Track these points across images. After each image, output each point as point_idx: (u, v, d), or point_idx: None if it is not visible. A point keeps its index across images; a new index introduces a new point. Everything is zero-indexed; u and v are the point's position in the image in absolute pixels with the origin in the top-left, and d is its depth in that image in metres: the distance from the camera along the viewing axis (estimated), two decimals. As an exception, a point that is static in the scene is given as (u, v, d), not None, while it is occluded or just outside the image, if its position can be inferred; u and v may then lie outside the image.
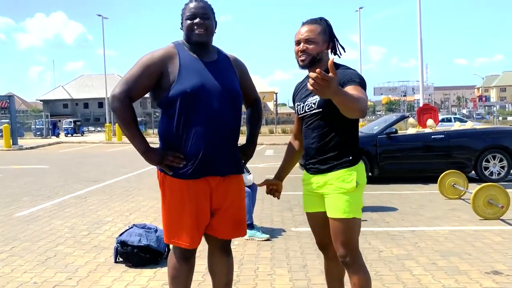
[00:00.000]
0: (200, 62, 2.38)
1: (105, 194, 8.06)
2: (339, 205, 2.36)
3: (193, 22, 2.35)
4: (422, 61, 21.93)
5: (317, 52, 2.40)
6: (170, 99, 2.31)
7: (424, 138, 9.01)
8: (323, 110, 2.38)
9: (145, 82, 2.35)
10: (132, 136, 2.38)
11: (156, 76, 2.34)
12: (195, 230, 2.40)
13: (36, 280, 3.74)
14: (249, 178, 5.25)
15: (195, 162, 2.33)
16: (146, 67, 2.34)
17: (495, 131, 9.35)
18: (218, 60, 2.45)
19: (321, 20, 2.46)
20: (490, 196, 5.62)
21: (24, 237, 5.13)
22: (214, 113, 2.33)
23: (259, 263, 4.11)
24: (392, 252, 4.37)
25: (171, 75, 2.32)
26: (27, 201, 7.43)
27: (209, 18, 2.38)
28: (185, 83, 2.30)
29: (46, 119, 35.41)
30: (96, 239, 5.01)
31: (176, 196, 2.39)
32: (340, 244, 2.38)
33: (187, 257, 2.46)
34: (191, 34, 2.37)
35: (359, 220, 2.43)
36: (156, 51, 2.39)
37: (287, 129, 35.31)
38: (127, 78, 2.36)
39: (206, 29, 2.35)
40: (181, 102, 2.29)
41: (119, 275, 3.83)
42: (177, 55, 2.36)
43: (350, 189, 2.36)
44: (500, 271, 3.77)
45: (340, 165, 2.39)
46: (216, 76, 2.37)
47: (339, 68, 2.41)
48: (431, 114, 11.39)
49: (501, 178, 8.60)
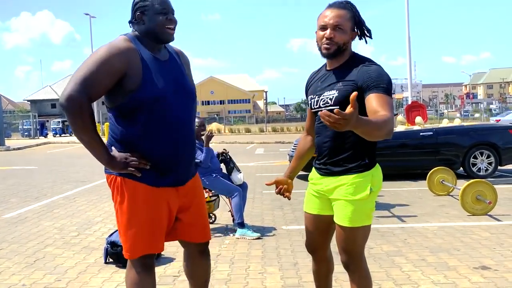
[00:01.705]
0: (157, 61, 2.17)
1: (94, 194, 8.00)
2: (347, 213, 2.20)
3: (167, 19, 2.14)
4: (411, 59, 22.14)
5: (344, 42, 2.18)
6: (133, 104, 2.08)
7: (413, 136, 9.08)
8: (341, 108, 2.10)
9: (106, 82, 2.04)
10: (92, 144, 2.05)
11: (118, 75, 2.05)
12: (163, 234, 2.24)
13: (24, 282, 3.70)
14: (240, 177, 5.26)
15: (163, 167, 2.17)
16: (108, 64, 2.02)
17: (483, 128, 9.46)
18: (171, 59, 2.26)
19: (348, 3, 2.22)
20: (478, 192, 5.68)
21: (12, 239, 5.07)
22: (178, 117, 2.17)
23: (250, 261, 4.11)
24: (382, 249, 4.40)
25: (134, 77, 2.06)
26: (14, 203, 7.34)
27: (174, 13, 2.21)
28: (151, 87, 2.08)
29: (34, 119, 35.03)
30: (85, 240, 4.97)
31: (141, 200, 2.16)
32: (343, 250, 2.28)
33: (150, 265, 2.23)
34: (162, 32, 2.14)
35: (368, 226, 2.27)
36: (114, 45, 2.08)
37: (278, 127, 35.32)
38: (84, 76, 1.99)
39: (174, 28, 2.19)
40: (146, 107, 2.08)
41: (109, 276, 3.81)
42: (138, 52, 2.11)
43: (363, 197, 2.18)
44: (488, 266, 3.82)
45: (354, 169, 2.21)
46: (175, 78, 2.21)
47: (361, 61, 2.20)
48: (419, 111, 11.47)
49: (489, 174, 8.71)
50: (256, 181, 8.86)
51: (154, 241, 2.21)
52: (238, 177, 5.24)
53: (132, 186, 2.16)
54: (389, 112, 1.99)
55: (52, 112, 68.79)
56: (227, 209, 5.74)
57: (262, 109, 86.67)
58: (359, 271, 2.29)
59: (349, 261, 2.28)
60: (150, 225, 2.18)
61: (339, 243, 2.29)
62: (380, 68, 2.16)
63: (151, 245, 2.21)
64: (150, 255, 2.24)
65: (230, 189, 5.06)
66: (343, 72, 2.21)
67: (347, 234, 2.23)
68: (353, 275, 2.30)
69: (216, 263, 4.06)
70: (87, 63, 2.04)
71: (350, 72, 2.18)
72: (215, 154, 5.22)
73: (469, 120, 38.18)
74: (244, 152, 17.09)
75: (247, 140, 24.78)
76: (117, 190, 2.20)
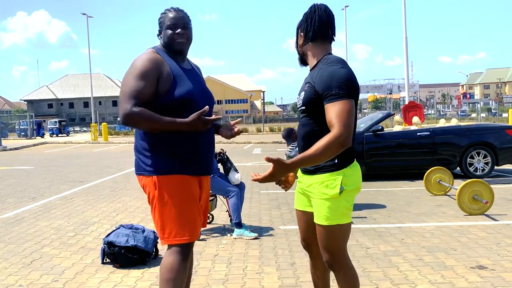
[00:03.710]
0: (183, 69, 2.46)
1: (91, 194, 7.98)
2: (321, 211, 2.26)
3: (175, 32, 2.43)
4: (408, 59, 22.16)
5: (296, 48, 2.38)
6: (168, 104, 2.34)
7: (410, 135, 9.10)
8: (307, 108, 2.27)
9: (149, 91, 2.33)
10: (166, 126, 2.31)
11: (155, 81, 2.34)
12: (200, 222, 2.48)
13: (21, 282, 3.69)
14: (237, 177, 5.26)
15: (194, 161, 2.42)
16: (146, 75, 2.32)
17: (479, 128, 9.48)
18: (193, 68, 2.58)
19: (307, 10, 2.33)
20: (475, 192, 5.70)
21: (9, 239, 5.06)
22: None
23: (248, 261, 4.11)
24: (379, 248, 4.41)
25: (166, 80, 2.35)
26: (11, 203, 7.32)
27: (189, 27, 2.48)
28: (182, 88, 2.37)
29: (31, 119, 34.92)
30: (82, 240, 4.96)
31: (179, 192, 2.39)
32: (324, 249, 2.32)
33: (188, 253, 2.43)
34: (173, 43, 2.43)
35: (346, 225, 2.29)
36: (145, 57, 2.38)
37: (275, 127, 35.32)
38: (131, 93, 2.30)
39: (187, 39, 2.46)
40: (179, 106, 2.34)
41: (106, 276, 3.80)
42: (164, 60, 2.40)
43: (333, 195, 2.23)
44: (485, 266, 3.83)
45: (323, 169, 2.25)
46: (200, 82, 2.51)
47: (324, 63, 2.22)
48: (416, 111, 11.50)
49: (485, 174, 8.73)
50: (254, 182, 8.84)
51: (197, 227, 2.44)
52: (236, 177, 5.24)
53: (167, 180, 2.38)
54: (341, 122, 2.05)
55: (49, 112, 68.66)
56: (224, 209, 5.75)
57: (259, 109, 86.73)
58: (343, 269, 2.32)
59: (332, 260, 2.31)
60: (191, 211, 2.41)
61: (319, 242, 2.34)
62: (335, 71, 2.14)
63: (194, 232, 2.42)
64: (191, 244, 2.44)
65: (227, 189, 5.06)
66: (311, 74, 2.31)
67: (325, 232, 2.28)
68: (338, 274, 2.33)
69: (214, 263, 4.06)
70: (128, 80, 2.34)
71: (314, 74, 2.26)
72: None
73: (466, 120, 38.28)
74: (241, 152, 17.09)
75: (245, 140, 24.77)
76: (152, 188, 2.40)
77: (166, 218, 2.40)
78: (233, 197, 5.00)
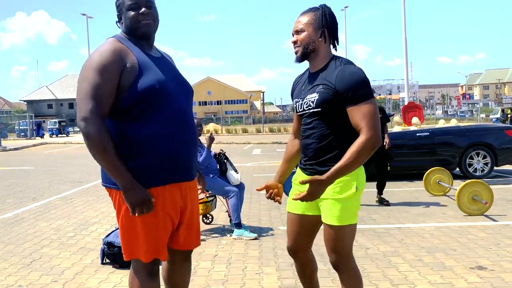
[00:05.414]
0: (151, 56, 2.13)
1: (91, 195, 7.98)
2: (334, 212, 2.23)
3: (139, 13, 2.07)
4: (407, 59, 22.19)
5: (308, 41, 2.24)
6: (136, 96, 2.00)
7: (410, 136, 9.11)
8: (322, 110, 2.22)
9: (110, 88, 1.98)
10: (113, 165, 1.97)
11: (118, 75, 1.99)
12: (165, 238, 2.17)
13: (21, 283, 3.69)
14: (237, 177, 5.26)
15: (171, 163, 2.09)
16: (105, 70, 1.97)
17: (479, 129, 9.49)
18: (164, 56, 2.25)
19: (318, 7, 2.28)
20: (474, 193, 5.70)
21: (9, 240, 5.06)
22: (181, 110, 2.12)
23: (247, 262, 4.11)
24: (379, 249, 4.41)
25: (130, 72, 2.01)
26: (11, 203, 7.32)
27: (153, 6, 2.14)
28: (150, 77, 2.03)
29: (30, 119, 34.91)
30: (82, 240, 4.96)
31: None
32: (332, 250, 2.29)
33: (156, 271, 2.18)
34: (137, 26, 2.08)
35: (354, 225, 2.30)
36: (105, 49, 2.03)
37: (275, 128, 35.34)
38: (89, 92, 1.96)
39: (154, 19, 2.12)
40: (149, 98, 2.01)
41: (106, 277, 3.80)
42: (128, 49, 2.06)
43: (349, 195, 2.22)
44: (484, 266, 3.83)
45: None
46: (171, 70, 2.19)
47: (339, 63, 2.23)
48: (416, 112, 11.53)
49: (485, 175, 8.73)
50: (253, 182, 8.86)
51: (163, 246, 2.16)
52: (235, 178, 5.24)
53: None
54: (369, 124, 2.10)
55: (48, 113, 68.62)
56: (224, 209, 5.75)
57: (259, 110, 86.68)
58: (348, 270, 2.31)
59: (338, 261, 2.30)
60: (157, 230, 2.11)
61: (327, 243, 2.30)
62: (355, 72, 2.17)
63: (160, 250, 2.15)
64: (157, 261, 2.18)
65: (227, 189, 5.06)
66: (323, 75, 2.27)
67: (336, 233, 2.25)
68: (343, 275, 2.32)
69: (213, 264, 4.07)
70: (86, 78, 1.98)
71: (330, 75, 2.23)
72: (212, 154, 5.22)
73: (465, 120, 38.32)
74: (241, 153, 17.09)
75: (244, 140, 24.77)
76: (119, 202, 2.11)
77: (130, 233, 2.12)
78: (232, 198, 5.00)
